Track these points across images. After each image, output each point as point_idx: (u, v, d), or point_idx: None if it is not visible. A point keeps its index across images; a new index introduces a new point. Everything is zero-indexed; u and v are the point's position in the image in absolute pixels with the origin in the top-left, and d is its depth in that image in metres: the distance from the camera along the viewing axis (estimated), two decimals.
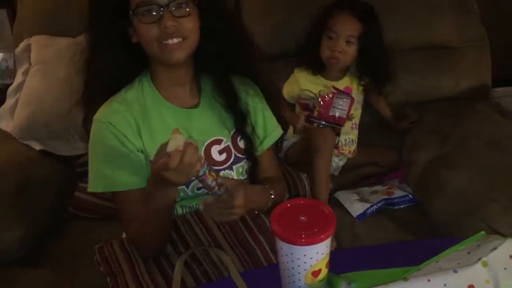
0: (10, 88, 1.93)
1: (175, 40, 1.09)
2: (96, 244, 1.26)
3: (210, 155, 1.21)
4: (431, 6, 1.90)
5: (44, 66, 1.86)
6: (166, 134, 1.14)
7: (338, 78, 1.79)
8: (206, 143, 1.21)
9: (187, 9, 1.09)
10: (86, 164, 1.16)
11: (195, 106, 1.22)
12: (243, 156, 1.25)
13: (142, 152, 1.15)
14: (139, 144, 1.14)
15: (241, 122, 1.24)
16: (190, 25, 1.10)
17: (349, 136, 1.78)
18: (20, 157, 1.73)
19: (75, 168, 1.81)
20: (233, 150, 1.24)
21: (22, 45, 1.94)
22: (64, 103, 1.70)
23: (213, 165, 1.20)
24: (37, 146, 1.79)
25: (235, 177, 1.25)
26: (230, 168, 1.23)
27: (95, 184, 1.14)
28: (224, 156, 1.23)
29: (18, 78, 1.92)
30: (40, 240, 1.57)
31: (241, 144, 1.25)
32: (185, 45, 1.10)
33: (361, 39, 1.68)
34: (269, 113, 1.30)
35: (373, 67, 1.76)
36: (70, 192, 1.70)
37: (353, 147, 1.83)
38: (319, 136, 1.63)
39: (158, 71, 1.18)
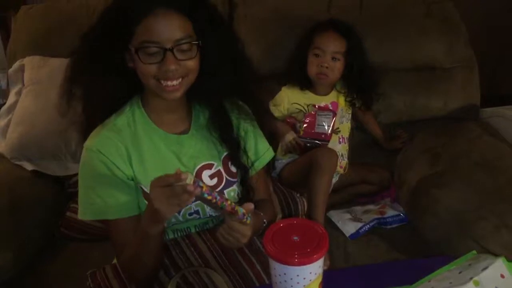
0: (3, 108, 1.93)
1: (175, 82, 1.08)
2: (88, 266, 1.25)
3: (201, 180, 1.20)
4: (420, 28, 1.94)
5: (37, 87, 1.87)
6: (156, 160, 1.15)
7: (325, 93, 1.83)
8: (197, 168, 1.20)
9: (190, 53, 1.08)
10: (78, 184, 1.16)
11: (186, 131, 1.21)
12: (235, 180, 1.25)
13: (132, 180, 1.14)
14: (129, 172, 1.13)
15: (234, 152, 1.23)
16: (192, 65, 1.09)
17: (338, 150, 1.79)
18: (11, 178, 1.73)
19: (67, 188, 1.80)
20: (224, 174, 1.23)
21: (15, 65, 1.95)
22: (56, 123, 1.72)
23: None
24: (29, 167, 1.79)
25: None
26: (221, 192, 1.22)
27: (84, 211, 1.13)
28: (215, 180, 1.22)
29: (11, 98, 1.92)
30: (31, 261, 1.56)
31: (233, 168, 1.25)
32: (183, 84, 1.10)
33: (346, 55, 1.74)
34: (260, 135, 1.29)
35: (358, 82, 1.81)
36: (61, 213, 1.70)
37: (344, 162, 1.84)
38: (322, 156, 1.64)
39: (151, 98, 1.16)
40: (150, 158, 1.15)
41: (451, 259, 1.00)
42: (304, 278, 0.83)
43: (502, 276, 0.89)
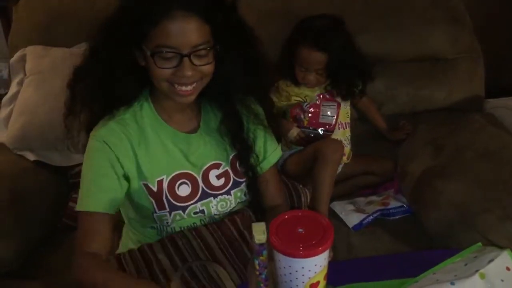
0: (5, 98, 1.93)
1: (189, 87, 1.06)
2: None
3: (208, 180, 1.19)
4: (425, 19, 1.92)
5: (39, 76, 1.86)
6: (163, 157, 1.14)
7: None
8: (204, 168, 1.19)
9: (207, 58, 1.04)
10: (80, 174, 1.15)
11: (194, 130, 1.20)
12: (242, 180, 1.23)
13: (127, 179, 1.12)
14: (130, 167, 1.12)
15: (243, 155, 1.21)
16: (207, 70, 1.06)
17: (337, 136, 1.79)
18: (14, 168, 1.72)
19: (69, 178, 1.80)
20: (231, 174, 1.21)
21: (17, 55, 1.94)
22: (58, 113, 1.70)
23: (211, 190, 1.19)
24: (31, 157, 1.79)
25: (233, 202, 1.22)
26: (228, 193, 1.21)
27: (87, 204, 1.10)
28: (222, 181, 1.20)
29: (13, 88, 1.91)
30: (34, 252, 1.56)
31: (241, 168, 1.22)
32: (197, 88, 1.08)
33: (328, 66, 1.71)
34: (269, 135, 1.26)
35: (345, 79, 1.78)
36: (64, 203, 1.69)
37: (347, 149, 1.83)
38: (328, 147, 1.63)
39: (161, 96, 1.14)
40: (156, 155, 1.14)
41: (455, 252, 1.00)
42: (309, 270, 0.83)
43: (508, 269, 0.89)
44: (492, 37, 2.16)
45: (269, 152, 1.27)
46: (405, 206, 1.68)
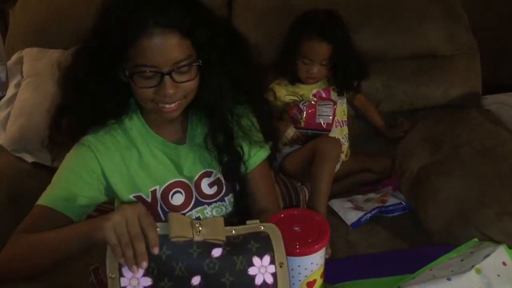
0: (2, 101, 1.93)
1: (173, 105, 1.02)
2: (89, 257, 1.24)
3: (201, 189, 1.17)
4: (422, 16, 1.93)
5: (36, 79, 1.86)
6: (156, 166, 1.13)
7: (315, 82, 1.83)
8: (196, 178, 1.17)
9: (190, 74, 1.00)
10: None
11: (182, 139, 1.17)
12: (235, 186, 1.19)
13: (109, 193, 1.10)
14: (117, 180, 1.09)
15: (232, 165, 1.16)
16: (191, 87, 1.02)
17: (335, 134, 1.79)
18: (12, 170, 1.73)
19: None
20: (224, 181, 1.18)
21: (14, 57, 1.95)
22: None
23: (203, 199, 1.18)
24: (29, 158, 1.79)
25: (229, 207, 1.19)
26: (222, 200, 1.19)
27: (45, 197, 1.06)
28: (215, 189, 1.18)
29: (11, 91, 1.92)
30: None
31: (229, 177, 1.18)
32: (182, 104, 1.04)
33: (332, 57, 1.72)
34: (254, 142, 1.18)
35: (344, 74, 1.79)
36: None
37: (345, 146, 1.84)
38: (326, 145, 1.63)
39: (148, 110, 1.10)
40: (148, 164, 1.13)
41: (452, 248, 1.00)
42: (306, 269, 0.83)
43: (504, 263, 0.90)
44: (488, 33, 2.16)
45: (254, 152, 1.19)
46: (403, 203, 1.68)
